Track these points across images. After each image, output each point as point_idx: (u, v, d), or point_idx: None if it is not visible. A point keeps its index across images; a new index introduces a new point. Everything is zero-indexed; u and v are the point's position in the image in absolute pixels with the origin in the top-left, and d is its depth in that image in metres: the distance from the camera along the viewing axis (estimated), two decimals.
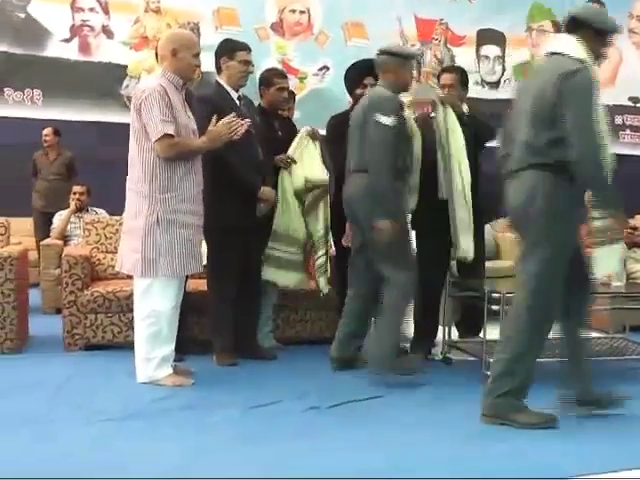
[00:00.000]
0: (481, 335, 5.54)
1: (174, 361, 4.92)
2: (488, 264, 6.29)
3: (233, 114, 4.97)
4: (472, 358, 5.49)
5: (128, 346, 5.25)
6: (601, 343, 5.90)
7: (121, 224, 6.22)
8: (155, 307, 4.76)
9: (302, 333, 6.20)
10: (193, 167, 4.85)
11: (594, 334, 6.08)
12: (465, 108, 5.68)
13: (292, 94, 6.54)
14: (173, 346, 4.86)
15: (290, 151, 5.72)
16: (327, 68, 10.64)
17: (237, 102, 5.39)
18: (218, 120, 4.88)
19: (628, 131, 12.21)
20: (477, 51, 11.68)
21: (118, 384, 4.84)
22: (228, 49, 5.40)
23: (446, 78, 5.76)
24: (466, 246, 5.36)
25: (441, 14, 11.49)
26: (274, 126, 5.79)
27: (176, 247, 4.75)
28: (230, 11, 10.34)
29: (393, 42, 9.37)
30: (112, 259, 6.14)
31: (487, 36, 11.70)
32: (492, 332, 5.10)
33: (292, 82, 6.14)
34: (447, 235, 5.43)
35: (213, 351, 5.42)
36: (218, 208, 5.17)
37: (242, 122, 4.94)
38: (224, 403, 4.47)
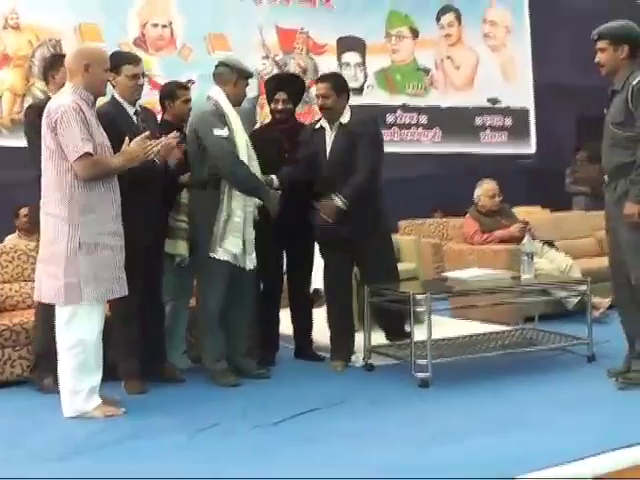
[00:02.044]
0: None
1: None
2: None
3: (148, 133, 4.84)
4: (395, 362, 5.53)
5: None
6: (512, 335, 6.03)
7: (17, 251, 6.00)
8: (80, 336, 4.54)
9: None
10: (111, 186, 4.68)
11: (503, 327, 6.27)
12: (346, 118, 5.62)
13: None
14: (100, 375, 4.64)
15: None
16: (192, 81, 10.47)
17: (133, 117, 5.22)
18: (117, 137, 4.73)
19: (488, 131, 12.56)
20: (339, 59, 11.74)
21: (45, 421, 4.57)
22: (113, 65, 5.12)
23: (319, 88, 5.68)
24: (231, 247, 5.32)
25: (302, 23, 11.50)
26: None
27: (100, 271, 4.55)
28: (92, 27, 10.01)
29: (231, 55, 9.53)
30: (10, 289, 5.89)
31: (347, 43, 11.79)
32: (419, 334, 5.14)
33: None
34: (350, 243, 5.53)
35: (121, 377, 5.17)
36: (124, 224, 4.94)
37: (156, 142, 4.83)
38: (165, 429, 4.33)
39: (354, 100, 11.26)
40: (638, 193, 4.65)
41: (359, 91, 11.77)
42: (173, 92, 5.72)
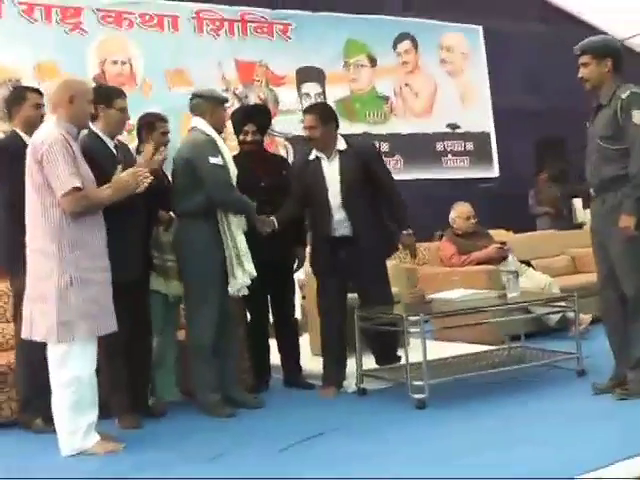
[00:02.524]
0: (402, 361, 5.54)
1: None
2: None
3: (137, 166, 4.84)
4: (387, 385, 5.55)
5: None
6: (502, 354, 6.05)
7: None
8: (75, 373, 4.45)
9: None
10: (98, 221, 4.62)
11: (491, 347, 6.29)
12: (342, 145, 5.72)
13: None
14: (97, 411, 4.55)
15: None
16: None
17: (114, 151, 5.16)
18: (98, 171, 4.69)
19: (450, 156, 12.65)
20: (299, 89, 11.76)
21: (43, 461, 4.44)
22: (105, 96, 5.15)
23: (306, 120, 5.77)
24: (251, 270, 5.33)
25: (260, 56, 11.51)
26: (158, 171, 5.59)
27: (92, 307, 4.47)
28: (51, 65, 9.89)
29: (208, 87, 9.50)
30: None
31: (307, 74, 11.81)
32: (411, 356, 5.13)
33: (123, 137, 5.95)
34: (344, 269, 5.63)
35: (113, 413, 5.06)
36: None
37: (147, 173, 4.78)
38: (170, 462, 4.28)
39: None
40: (633, 205, 4.70)
41: None
42: (152, 124, 5.68)
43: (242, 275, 5.26)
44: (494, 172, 13.03)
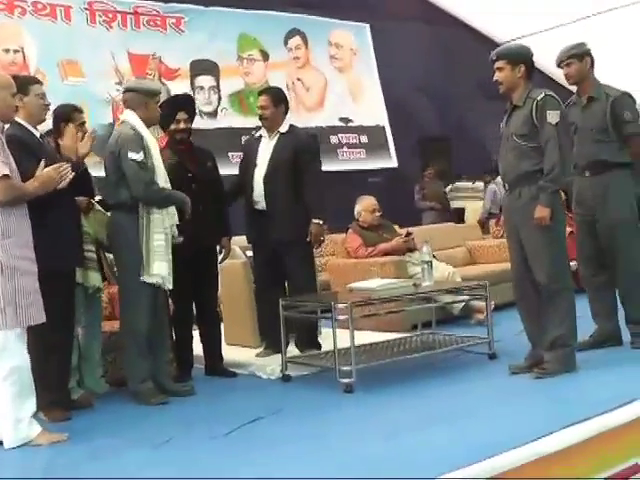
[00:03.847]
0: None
1: None
2: None
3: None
4: (310, 372, 5.78)
5: None
6: (417, 340, 6.34)
7: None
8: (15, 363, 4.43)
9: None
10: (24, 212, 4.60)
11: (405, 334, 6.57)
12: (285, 128, 6.23)
13: None
14: (35, 398, 4.54)
15: None
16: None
17: (40, 140, 5.17)
18: (29, 160, 4.72)
19: (345, 148, 12.95)
20: (192, 82, 11.82)
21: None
22: (20, 85, 5.06)
23: (260, 100, 6.36)
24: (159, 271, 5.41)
25: (154, 49, 11.53)
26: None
27: (18, 296, 4.44)
28: None
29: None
30: None
31: (201, 67, 11.91)
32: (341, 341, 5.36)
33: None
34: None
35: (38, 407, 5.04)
36: (40, 251, 4.86)
37: (69, 169, 4.81)
38: (120, 448, 4.34)
39: (208, 124, 11.56)
40: (548, 198, 5.08)
41: (213, 115, 11.92)
42: (69, 115, 5.61)
43: (152, 273, 5.33)
44: (393, 163, 13.38)
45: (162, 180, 5.41)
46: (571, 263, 5.54)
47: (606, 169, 5.75)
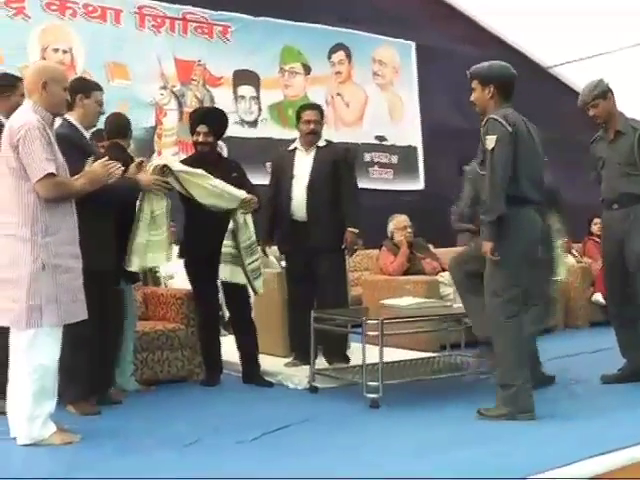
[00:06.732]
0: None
1: None
2: None
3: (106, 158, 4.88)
4: (337, 385, 5.84)
5: None
6: (444, 361, 6.38)
7: None
8: (42, 361, 4.42)
9: (160, 374, 6.16)
10: (71, 209, 4.64)
11: (432, 354, 6.60)
12: (322, 142, 6.55)
13: None
14: (55, 401, 4.56)
15: None
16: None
17: (90, 141, 5.33)
18: (80, 159, 4.84)
19: (376, 167, 12.97)
20: (234, 91, 11.92)
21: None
22: (84, 87, 5.31)
23: (310, 115, 6.56)
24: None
25: (199, 55, 11.64)
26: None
27: (61, 293, 4.47)
28: None
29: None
30: None
31: (243, 77, 11.98)
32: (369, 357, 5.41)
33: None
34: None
35: (67, 402, 5.13)
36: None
37: (118, 164, 4.85)
38: (145, 448, 4.40)
39: (249, 133, 11.66)
40: (488, 231, 5.01)
41: (254, 124, 12.00)
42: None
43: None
44: (420, 185, 13.41)
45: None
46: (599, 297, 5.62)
47: (634, 202, 5.78)
